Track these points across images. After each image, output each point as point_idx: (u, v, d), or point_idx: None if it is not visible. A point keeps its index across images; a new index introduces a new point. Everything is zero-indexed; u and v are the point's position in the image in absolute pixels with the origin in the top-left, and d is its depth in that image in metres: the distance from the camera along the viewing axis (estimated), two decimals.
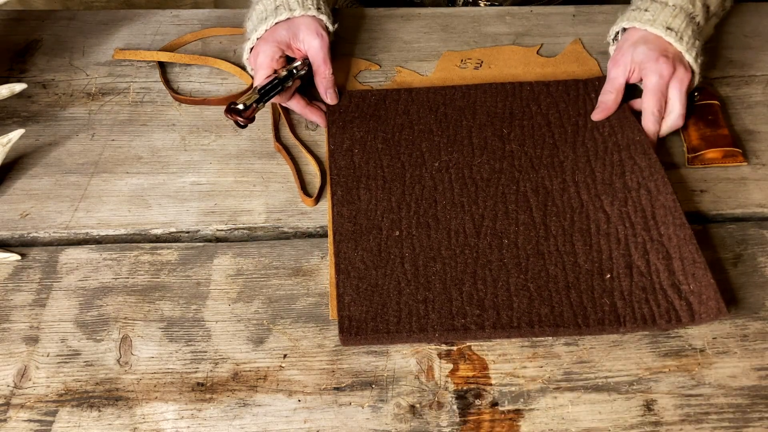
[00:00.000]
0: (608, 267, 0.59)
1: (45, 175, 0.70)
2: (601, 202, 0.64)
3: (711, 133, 0.71)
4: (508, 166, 0.68)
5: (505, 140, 0.70)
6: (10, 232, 0.65)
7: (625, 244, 0.61)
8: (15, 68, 0.81)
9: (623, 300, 0.57)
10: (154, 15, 0.89)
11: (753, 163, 0.71)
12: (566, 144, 0.69)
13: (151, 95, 0.78)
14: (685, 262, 0.59)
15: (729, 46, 0.85)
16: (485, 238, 0.62)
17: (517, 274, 0.59)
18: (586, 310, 0.57)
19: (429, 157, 0.69)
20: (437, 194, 0.65)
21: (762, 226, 0.66)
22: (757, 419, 0.53)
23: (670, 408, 0.53)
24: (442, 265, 0.60)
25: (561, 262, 0.60)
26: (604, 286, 0.58)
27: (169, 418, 0.53)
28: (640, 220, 0.63)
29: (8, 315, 0.59)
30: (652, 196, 0.64)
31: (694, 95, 0.74)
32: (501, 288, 0.58)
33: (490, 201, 0.65)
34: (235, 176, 0.70)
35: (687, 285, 0.58)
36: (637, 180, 0.65)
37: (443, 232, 0.62)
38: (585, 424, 0.52)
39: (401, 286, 0.59)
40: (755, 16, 0.88)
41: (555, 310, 0.57)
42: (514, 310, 0.57)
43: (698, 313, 0.56)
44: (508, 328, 0.56)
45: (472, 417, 0.53)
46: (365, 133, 0.71)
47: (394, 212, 0.64)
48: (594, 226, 0.62)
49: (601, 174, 0.66)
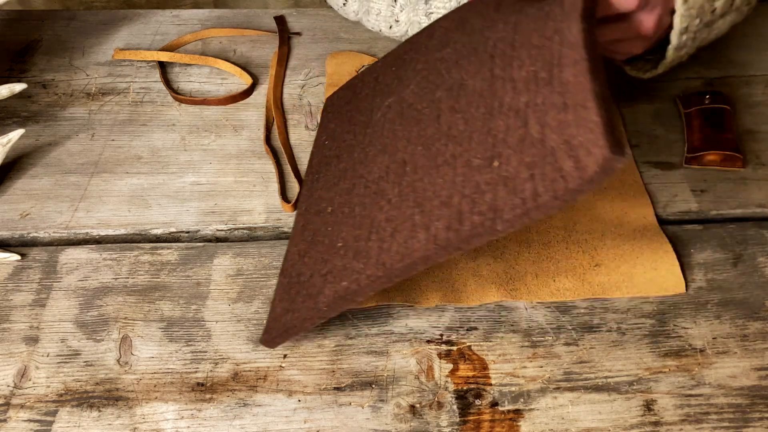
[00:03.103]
0: (498, 150, 0.49)
1: (45, 175, 0.70)
2: (512, 69, 0.53)
3: (714, 136, 0.71)
4: (435, 75, 0.59)
5: (442, 47, 0.62)
6: (10, 232, 0.65)
7: (524, 112, 0.49)
8: (15, 68, 0.81)
9: (505, 186, 0.46)
10: (154, 15, 0.89)
11: (753, 163, 0.71)
12: (502, 19, 0.58)
13: (151, 95, 0.78)
14: (578, 108, 0.46)
15: (729, 46, 0.85)
16: (389, 175, 0.55)
17: (408, 204, 0.52)
18: (460, 218, 0.47)
19: (375, 112, 0.63)
20: (370, 147, 0.60)
21: (762, 226, 0.66)
22: (757, 419, 0.53)
23: (670, 408, 0.53)
24: (348, 225, 0.55)
25: (452, 168, 0.51)
26: (489, 178, 0.48)
27: (169, 418, 0.53)
28: (545, 75, 0.50)
29: (8, 315, 0.59)
30: (563, 40, 0.50)
31: (706, 97, 0.74)
32: (387, 226, 0.52)
33: (408, 127, 0.57)
34: (235, 176, 0.70)
35: (579, 137, 0.44)
36: (553, 27, 0.52)
37: (361, 186, 0.57)
38: (585, 424, 0.52)
39: (316, 267, 0.54)
40: (755, 16, 0.88)
41: (429, 232, 0.48)
42: (393, 253, 0.50)
43: (583, 168, 0.43)
44: (384, 279, 0.50)
45: (472, 417, 0.53)
46: (338, 121, 0.68)
47: (334, 187, 0.60)
48: (497, 105, 0.52)
49: (523, 33, 0.55)
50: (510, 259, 0.62)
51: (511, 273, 0.61)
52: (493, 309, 0.59)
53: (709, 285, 0.61)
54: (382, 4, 0.78)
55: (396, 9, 0.77)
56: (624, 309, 0.59)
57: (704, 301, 0.60)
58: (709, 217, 0.67)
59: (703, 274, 0.62)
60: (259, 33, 0.87)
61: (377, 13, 0.79)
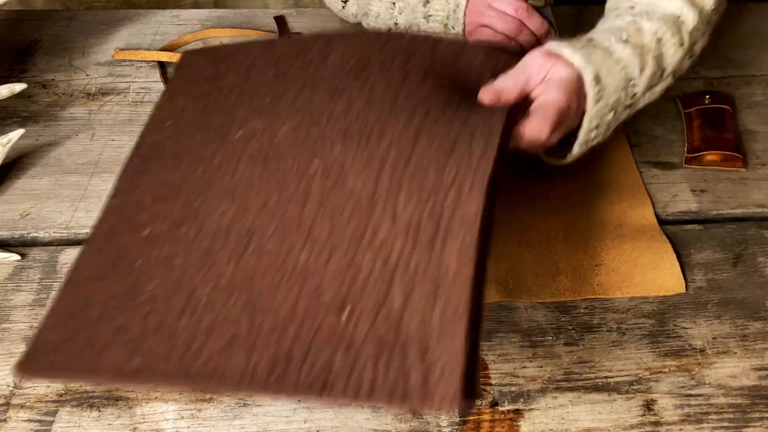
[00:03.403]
0: (354, 298, 0.43)
1: (45, 175, 0.70)
2: (398, 196, 0.46)
3: (714, 136, 0.71)
4: (316, 133, 0.51)
5: (334, 97, 0.53)
6: (10, 232, 0.65)
7: (393, 267, 0.43)
8: (15, 68, 0.81)
9: (346, 353, 0.41)
10: (154, 15, 0.89)
11: (753, 163, 0.71)
12: (405, 108, 0.51)
13: (151, 95, 0.78)
14: (448, 308, 0.40)
15: (729, 46, 0.85)
16: (228, 237, 0.48)
17: (238, 298, 0.45)
18: (288, 364, 0.41)
19: (236, 127, 0.54)
20: (216, 177, 0.51)
21: (762, 226, 0.66)
22: (757, 419, 0.53)
23: (670, 408, 0.53)
24: (163, 278, 0.46)
25: (299, 285, 0.44)
26: (333, 329, 0.42)
27: (169, 418, 0.53)
28: (428, 233, 0.44)
29: (8, 315, 0.59)
30: (460, 199, 0.45)
31: (706, 97, 0.74)
32: (206, 313, 0.44)
33: (267, 186, 0.50)
34: None
35: (438, 352, 0.39)
36: (455, 173, 0.46)
37: (194, 229, 0.49)
38: (585, 424, 0.52)
39: (110, 307, 0.46)
40: (755, 16, 0.88)
41: (250, 359, 0.42)
42: (202, 359, 0.42)
43: (429, 394, 0.38)
44: (184, 386, 0.45)
45: (472, 417, 0.53)
46: (189, 101, 0.58)
47: (161, 202, 0.51)
48: (370, 233, 0.45)
49: (421, 153, 0.48)
50: (510, 259, 0.62)
51: (511, 273, 0.61)
52: (493, 309, 0.59)
53: (709, 285, 0.61)
54: (381, 6, 0.78)
55: (395, 12, 0.77)
56: (624, 309, 0.59)
57: (704, 301, 0.60)
58: (709, 217, 0.67)
59: (703, 274, 0.62)
60: (259, 33, 0.87)
61: (376, 16, 0.79)
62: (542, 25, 0.71)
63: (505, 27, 0.70)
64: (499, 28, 0.70)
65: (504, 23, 0.70)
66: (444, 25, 0.74)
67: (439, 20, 0.74)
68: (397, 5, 0.77)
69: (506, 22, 0.70)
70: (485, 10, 0.71)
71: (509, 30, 0.70)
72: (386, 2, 0.78)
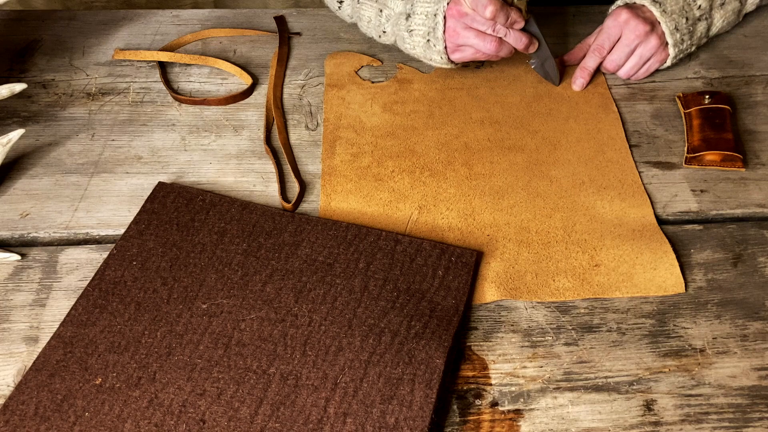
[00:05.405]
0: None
1: (45, 175, 0.70)
2: (344, 425, 0.49)
3: (714, 136, 0.71)
4: (279, 334, 0.54)
5: (300, 298, 0.57)
6: (10, 232, 0.65)
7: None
8: (15, 68, 0.81)
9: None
10: (154, 15, 0.89)
11: (753, 163, 0.71)
12: (363, 324, 0.55)
13: (151, 95, 0.78)
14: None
15: (729, 46, 0.85)
16: (183, 423, 0.49)
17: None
18: None
19: (203, 295, 0.57)
20: (178, 345, 0.54)
21: (762, 226, 0.66)
22: (757, 419, 0.53)
23: (670, 408, 0.53)
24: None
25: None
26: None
27: None
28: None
29: (8, 315, 0.59)
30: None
31: (706, 97, 0.74)
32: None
33: (226, 375, 0.52)
34: (235, 176, 0.70)
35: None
36: (396, 418, 0.50)
37: (147, 397, 0.50)
38: (585, 424, 0.52)
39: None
40: (755, 16, 0.88)
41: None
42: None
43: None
44: None
45: (472, 417, 0.53)
46: (159, 245, 0.61)
47: (117, 352, 0.53)
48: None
49: (370, 384, 0.52)
50: (510, 259, 0.62)
51: (511, 273, 0.61)
52: (493, 309, 0.59)
53: (709, 285, 0.61)
54: (371, 12, 0.79)
55: (383, 19, 0.78)
56: (624, 309, 0.59)
57: (704, 301, 0.60)
58: (709, 217, 0.67)
59: (703, 274, 0.62)
60: (259, 33, 0.87)
61: (368, 21, 0.80)
62: (520, 40, 0.72)
63: (483, 46, 0.72)
64: (479, 48, 0.73)
65: (483, 42, 0.72)
66: (427, 41, 0.74)
67: (421, 34, 0.75)
68: (384, 12, 0.77)
69: (485, 41, 0.72)
70: (462, 32, 0.72)
71: (489, 49, 0.72)
72: (374, 8, 0.78)
